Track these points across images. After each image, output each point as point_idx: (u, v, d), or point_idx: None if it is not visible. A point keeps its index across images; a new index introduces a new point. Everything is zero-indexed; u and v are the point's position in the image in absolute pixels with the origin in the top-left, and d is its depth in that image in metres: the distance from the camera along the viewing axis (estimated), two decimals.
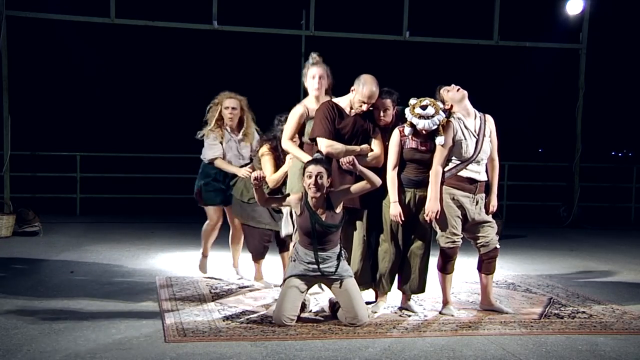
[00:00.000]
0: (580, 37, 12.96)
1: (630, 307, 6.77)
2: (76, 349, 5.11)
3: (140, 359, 4.92)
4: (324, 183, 5.69)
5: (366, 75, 6.12)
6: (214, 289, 7.10)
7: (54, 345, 5.17)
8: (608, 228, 13.11)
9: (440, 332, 5.77)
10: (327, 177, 5.70)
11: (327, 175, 5.70)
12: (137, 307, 6.39)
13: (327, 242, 5.80)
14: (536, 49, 13.58)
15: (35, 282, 7.30)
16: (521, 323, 6.09)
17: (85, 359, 4.88)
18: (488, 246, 6.26)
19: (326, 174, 5.70)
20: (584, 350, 5.40)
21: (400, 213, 6.04)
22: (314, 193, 5.69)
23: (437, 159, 6.07)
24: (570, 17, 12.75)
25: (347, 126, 6.13)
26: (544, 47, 13.49)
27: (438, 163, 6.07)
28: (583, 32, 12.92)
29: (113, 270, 8.08)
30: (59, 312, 6.14)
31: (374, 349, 5.26)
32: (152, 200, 13.76)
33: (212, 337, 5.46)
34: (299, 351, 5.16)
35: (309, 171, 5.69)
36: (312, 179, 5.66)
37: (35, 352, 5.01)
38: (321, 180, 5.66)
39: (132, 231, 10.85)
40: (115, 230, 11.30)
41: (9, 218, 10.46)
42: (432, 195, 6.06)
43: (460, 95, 6.22)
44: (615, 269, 8.90)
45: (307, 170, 5.72)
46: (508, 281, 7.76)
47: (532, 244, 10.91)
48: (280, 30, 12.77)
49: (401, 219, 6.06)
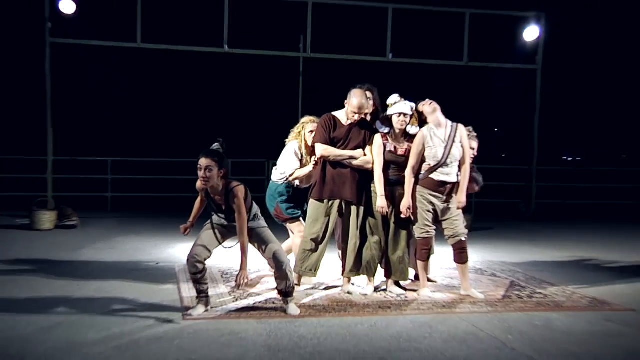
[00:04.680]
0: (536, 59, 13.04)
1: (578, 288, 6.79)
2: (107, 324, 5.10)
3: (162, 334, 4.92)
4: (213, 175, 5.22)
5: (355, 90, 6.19)
6: (225, 275, 7.09)
7: (89, 321, 5.17)
8: (560, 221, 13.14)
9: (419, 311, 5.76)
10: (218, 169, 5.24)
11: (217, 168, 5.23)
12: (160, 289, 6.38)
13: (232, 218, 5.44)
14: (500, 68, 13.61)
15: (73, 268, 7.30)
16: (487, 303, 6.09)
17: (114, 332, 4.88)
18: (455, 238, 6.26)
19: (216, 167, 5.23)
20: (540, 325, 5.42)
21: (385, 205, 6.09)
22: (204, 184, 5.31)
23: (410, 162, 6.15)
24: (528, 43, 12.86)
25: (341, 134, 6.19)
26: (506, 67, 13.52)
27: (410, 166, 6.15)
28: (539, 55, 13.00)
29: (139, 257, 8.08)
30: (93, 292, 6.14)
31: (362, 326, 5.25)
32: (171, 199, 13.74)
33: (223, 315, 5.45)
34: (298, 327, 5.16)
35: (200, 164, 5.24)
36: (202, 171, 5.24)
37: (75, 325, 5.02)
38: (210, 173, 5.21)
39: (154, 225, 10.83)
40: (140, 223, 11.28)
41: (52, 214, 10.46)
42: (406, 194, 6.13)
43: (432, 108, 6.25)
44: (566, 255, 8.92)
45: (199, 161, 5.25)
46: (476, 267, 7.77)
47: (497, 235, 10.93)
48: (282, 52, 12.78)
49: (386, 210, 6.11)
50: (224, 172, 5.32)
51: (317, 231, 6.19)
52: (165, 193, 14.00)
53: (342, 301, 6.03)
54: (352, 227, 6.23)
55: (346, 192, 6.15)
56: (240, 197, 5.30)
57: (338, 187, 6.15)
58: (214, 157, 5.26)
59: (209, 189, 5.37)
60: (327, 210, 6.19)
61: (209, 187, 5.33)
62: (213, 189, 5.37)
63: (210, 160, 5.24)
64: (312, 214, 6.24)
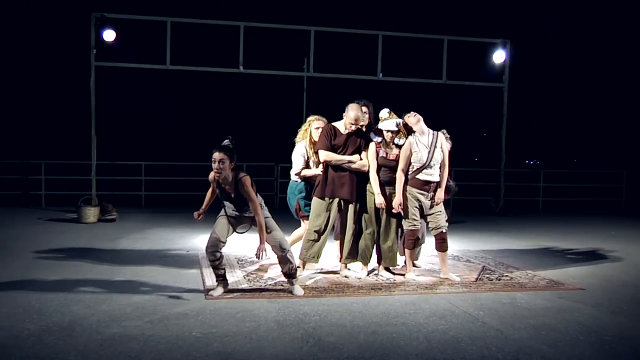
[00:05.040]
0: (503, 79, 13.04)
1: (539, 272, 6.79)
2: (142, 301, 5.11)
3: (188, 310, 4.92)
4: (226, 167, 5.18)
5: (352, 104, 6.21)
6: (240, 261, 7.09)
7: (127, 299, 5.18)
8: (524, 215, 13.12)
9: (405, 292, 5.77)
10: (230, 162, 5.20)
11: (228, 160, 5.18)
12: (185, 273, 6.38)
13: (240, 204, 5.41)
14: (472, 86, 13.60)
15: (113, 255, 7.30)
16: (463, 284, 6.09)
17: (148, 308, 4.89)
18: (437, 229, 6.25)
19: (228, 160, 5.18)
20: (507, 302, 5.43)
21: (383, 201, 6.10)
22: (217, 175, 5.23)
23: (400, 165, 6.13)
24: (496, 65, 12.86)
25: (340, 142, 6.19)
26: (477, 85, 13.51)
27: (400, 169, 6.13)
28: (505, 75, 12.98)
29: (168, 246, 8.08)
30: (130, 275, 6.15)
31: (357, 304, 5.26)
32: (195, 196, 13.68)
33: (238, 295, 5.46)
34: (302, 306, 5.16)
35: (214, 157, 5.16)
36: (216, 163, 5.17)
37: (115, 303, 5.05)
38: (222, 165, 5.16)
39: (181, 219, 10.83)
40: (168, 218, 11.28)
41: (95, 209, 10.47)
42: (397, 192, 6.11)
43: (417, 119, 6.25)
44: (529, 244, 8.91)
45: (213, 155, 5.17)
46: (454, 254, 7.75)
47: (471, 227, 10.92)
48: (289, 72, 12.81)
49: (384, 205, 6.11)
50: (234, 164, 5.28)
51: (319, 224, 6.19)
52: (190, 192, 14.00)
53: (340, 283, 6.03)
54: (349, 221, 6.23)
55: (344, 192, 6.15)
56: (247, 184, 5.24)
57: (338, 187, 6.15)
58: (226, 151, 5.21)
59: (220, 179, 5.30)
60: (328, 207, 6.19)
61: (221, 178, 5.26)
62: (224, 180, 5.30)
63: (223, 154, 5.18)
64: (315, 209, 6.24)
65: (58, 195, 12.99)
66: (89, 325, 4.47)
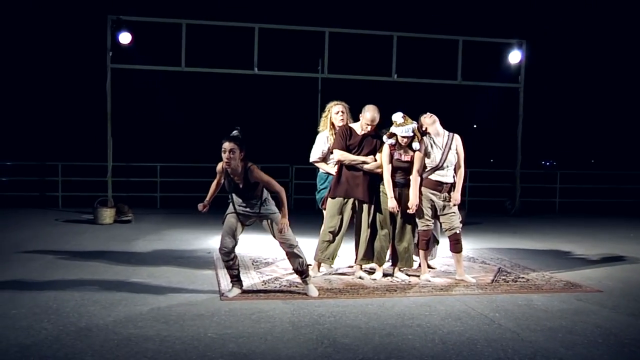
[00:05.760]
0: (519, 79, 12.95)
1: (556, 273, 6.74)
2: (158, 302, 5.13)
3: (203, 311, 4.94)
4: (236, 157, 5.13)
5: (369, 105, 6.20)
6: (255, 262, 7.10)
7: (143, 300, 5.20)
8: (540, 216, 13.02)
9: (420, 293, 5.74)
10: (240, 152, 5.14)
11: (238, 150, 5.13)
12: (200, 273, 6.41)
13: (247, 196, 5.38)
14: (488, 87, 13.54)
15: (129, 256, 7.35)
16: (478, 286, 6.05)
17: (163, 309, 4.91)
18: (451, 230, 6.22)
19: (238, 149, 5.12)
20: (523, 304, 5.38)
21: (396, 205, 6.06)
22: (227, 165, 5.17)
23: (415, 167, 6.09)
24: (511, 65, 12.78)
25: (355, 142, 6.20)
26: (493, 86, 13.45)
27: (416, 170, 6.09)
28: (521, 76, 12.89)
29: (183, 247, 8.11)
30: (146, 276, 6.18)
31: (372, 306, 5.24)
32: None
33: (253, 296, 5.46)
34: (317, 307, 5.16)
35: (224, 147, 5.10)
36: (226, 153, 5.11)
37: (131, 303, 5.07)
38: (233, 154, 5.11)
39: (195, 220, 10.86)
40: (183, 219, 11.34)
41: (111, 210, 10.53)
42: (412, 193, 6.07)
43: (432, 120, 6.24)
44: (545, 246, 8.84)
45: (223, 145, 5.12)
46: (469, 255, 7.72)
47: (487, 228, 10.85)
48: (303, 73, 12.82)
49: (397, 209, 6.08)
50: (243, 155, 5.23)
51: (334, 225, 6.19)
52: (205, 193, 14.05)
53: (355, 285, 6.02)
54: (364, 222, 6.22)
55: (359, 192, 6.15)
56: (257, 170, 5.23)
57: (352, 188, 6.16)
58: (236, 141, 5.16)
59: (229, 170, 5.24)
60: (343, 207, 6.19)
61: (230, 168, 5.21)
62: (233, 170, 5.23)
63: (233, 144, 5.12)
64: (330, 210, 6.24)
65: (75, 196, 13.11)
66: (105, 326, 4.50)
